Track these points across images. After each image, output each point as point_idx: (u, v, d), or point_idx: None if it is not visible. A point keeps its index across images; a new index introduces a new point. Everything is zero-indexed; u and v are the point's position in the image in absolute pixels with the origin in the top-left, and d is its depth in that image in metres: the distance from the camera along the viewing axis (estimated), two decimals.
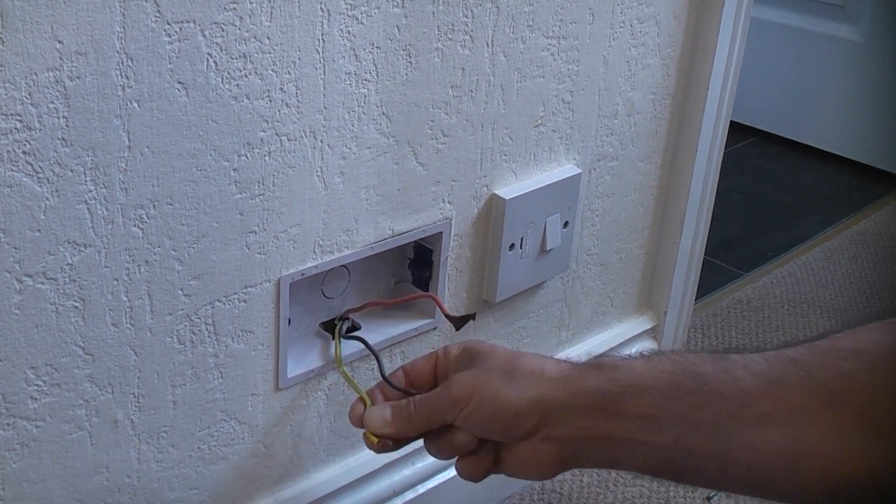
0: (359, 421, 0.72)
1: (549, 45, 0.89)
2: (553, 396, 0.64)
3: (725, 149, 1.16)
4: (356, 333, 0.85)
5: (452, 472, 0.99)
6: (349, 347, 0.85)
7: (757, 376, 0.58)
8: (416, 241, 0.88)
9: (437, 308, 0.85)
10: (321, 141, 0.75)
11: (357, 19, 0.73)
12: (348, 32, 0.73)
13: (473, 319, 0.77)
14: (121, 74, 0.63)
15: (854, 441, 0.55)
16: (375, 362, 0.85)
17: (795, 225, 1.77)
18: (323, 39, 0.72)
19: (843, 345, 0.57)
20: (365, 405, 0.72)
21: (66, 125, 0.61)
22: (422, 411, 0.69)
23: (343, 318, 0.85)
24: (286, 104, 0.72)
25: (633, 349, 1.17)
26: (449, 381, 0.68)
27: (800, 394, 0.57)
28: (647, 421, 0.61)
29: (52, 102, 0.60)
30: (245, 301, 0.76)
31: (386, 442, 0.71)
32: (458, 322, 0.77)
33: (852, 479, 0.56)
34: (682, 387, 0.60)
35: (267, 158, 0.72)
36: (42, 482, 0.70)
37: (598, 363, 0.65)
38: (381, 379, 0.75)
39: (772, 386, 0.58)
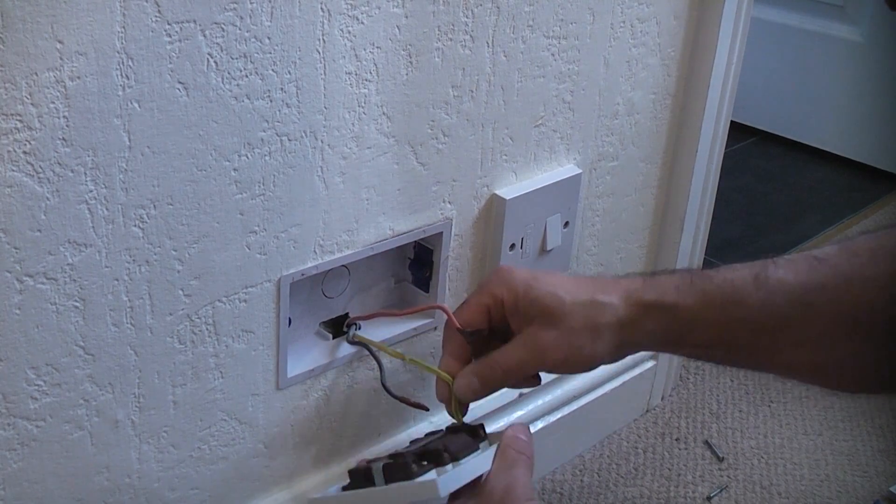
0: (447, 398, 0.78)
1: (550, 45, 0.89)
2: (630, 340, 0.75)
3: (725, 149, 1.16)
4: (362, 341, 0.85)
5: None
6: (351, 350, 0.86)
7: (792, 302, 0.70)
8: (416, 241, 0.88)
9: (446, 318, 0.83)
10: (321, 141, 0.75)
11: (357, 19, 0.73)
12: (349, 32, 0.73)
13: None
14: (121, 74, 0.62)
15: (871, 360, 0.69)
16: (376, 364, 0.85)
17: (795, 225, 1.77)
18: (323, 39, 0.72)
19: (868, 272, 0.68)
20: (449, 384, 0.77)
21: (67, 125, 0.61)
22: (511, 376, 0.75)
23: (351, 325, 0.86)
24: (287, 104, 0.72)
25: None
26: (537, 343, 0.74)
27: (828, 320, 0.69)
28: (702, 348, 0.75)
29: (53, 102, 0.60)
30: (245, 301, 0.76)
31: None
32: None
33: (866, 384, 0.73)
34: (731, 317, 0.72)
35: (267, 158, 0.72)
36: (42, 482, 0.70)
37: (659, 305, 0.74)
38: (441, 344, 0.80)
39: (805, 311, 0.70)
